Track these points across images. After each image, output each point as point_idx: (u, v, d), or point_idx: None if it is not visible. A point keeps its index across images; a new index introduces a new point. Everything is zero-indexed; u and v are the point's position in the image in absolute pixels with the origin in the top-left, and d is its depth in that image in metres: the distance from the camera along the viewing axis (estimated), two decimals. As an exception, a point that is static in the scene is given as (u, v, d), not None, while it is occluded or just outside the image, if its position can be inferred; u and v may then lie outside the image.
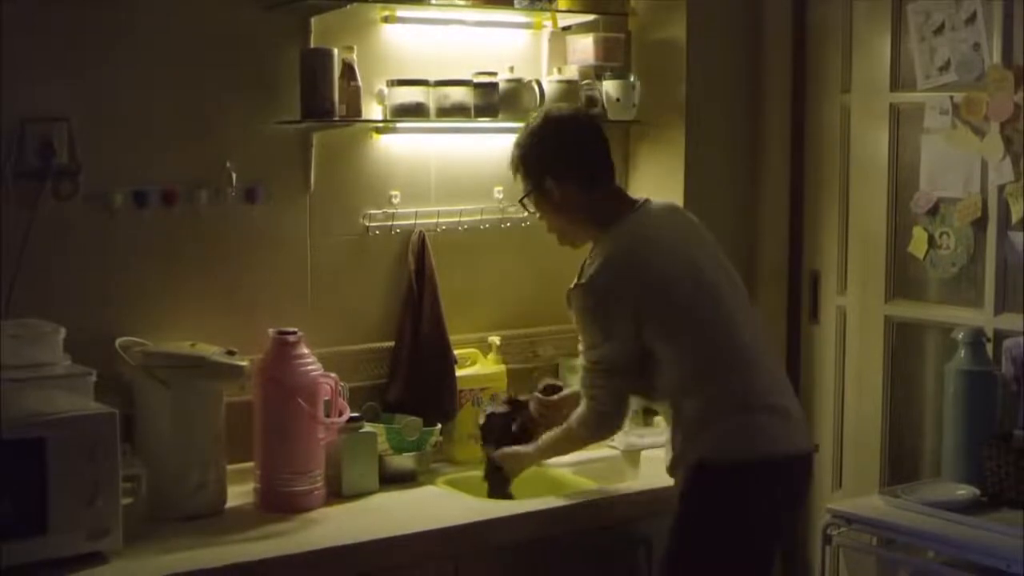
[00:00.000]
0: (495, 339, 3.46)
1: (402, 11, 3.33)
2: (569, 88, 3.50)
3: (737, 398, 2.75)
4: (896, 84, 3.52)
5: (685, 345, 2.76)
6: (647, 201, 2.92)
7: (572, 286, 2.81)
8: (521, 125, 3.45)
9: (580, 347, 2.84)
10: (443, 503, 2.99)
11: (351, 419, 3.01)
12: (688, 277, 2.80)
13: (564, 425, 2.93)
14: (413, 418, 3.21)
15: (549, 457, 3.08)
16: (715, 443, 2.70)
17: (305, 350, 2.96)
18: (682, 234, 2.91)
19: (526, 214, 3.04)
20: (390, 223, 3.39)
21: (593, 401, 2.83)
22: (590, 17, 3.58)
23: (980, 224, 3.33)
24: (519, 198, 2.97)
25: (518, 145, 2.93)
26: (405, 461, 3.14)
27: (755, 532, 2.76)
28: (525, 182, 2.92)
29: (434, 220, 3.45)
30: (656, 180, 3.69)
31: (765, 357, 2.86)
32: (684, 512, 2.73)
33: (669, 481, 2.82)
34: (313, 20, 3.19)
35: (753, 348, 2.83)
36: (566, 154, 2.87)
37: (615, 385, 2.80)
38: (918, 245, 3.48)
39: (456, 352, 3.39)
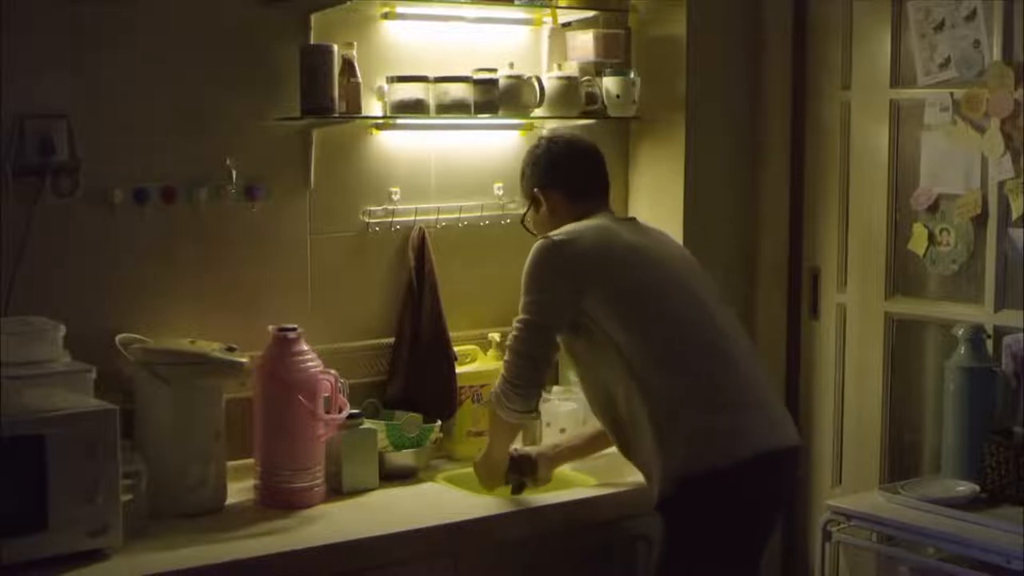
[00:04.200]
0: (495, 336, 3.45)
1: (402, 7, 3.33)
2: (569, 84, 3.49)
3: (712, 394, 2.75)
4: (896, 81, 3.52)
5: (645, 328, 2.77)
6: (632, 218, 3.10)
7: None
8: (521, 121, 3.49)
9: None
10: (443, 499, 3.00)
11: (351, 416, 3.01)
12: (649, 263, 2.89)
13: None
14: (413, 415, 3.21)
15: (496, 449, 3.02)
16: (696, 451, 2.68)
17: (305, 347, 2.96)
18: (656, 236, 3.03)
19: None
20: (390, 220, 3.39)
21: (506, 366, 2.85)
22: (590, 13, 3.57)
23: (980, 221, 3.33)
24: (520, 219, 3.12)
25: (521, 170, 3.11)
26: (405, 458, 3.15)
27: (745, 534, 2.76)
28: (524, 201, 3.10)
29: (434, 216, 3.45)
30: (656, 177, 3.69)
31: (740, 351, 2.86)
32: (674, 526, 2.71)
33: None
34: (313, 16, 3.19)
35: (726, 342, 2.84)
36: (553, 165, 3.04)
37: (532, 350, 2.82)
38: (918, 242, 3.48)
39: (456, 349, 3.39)
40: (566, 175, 3.03)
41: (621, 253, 2.88)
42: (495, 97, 3.36)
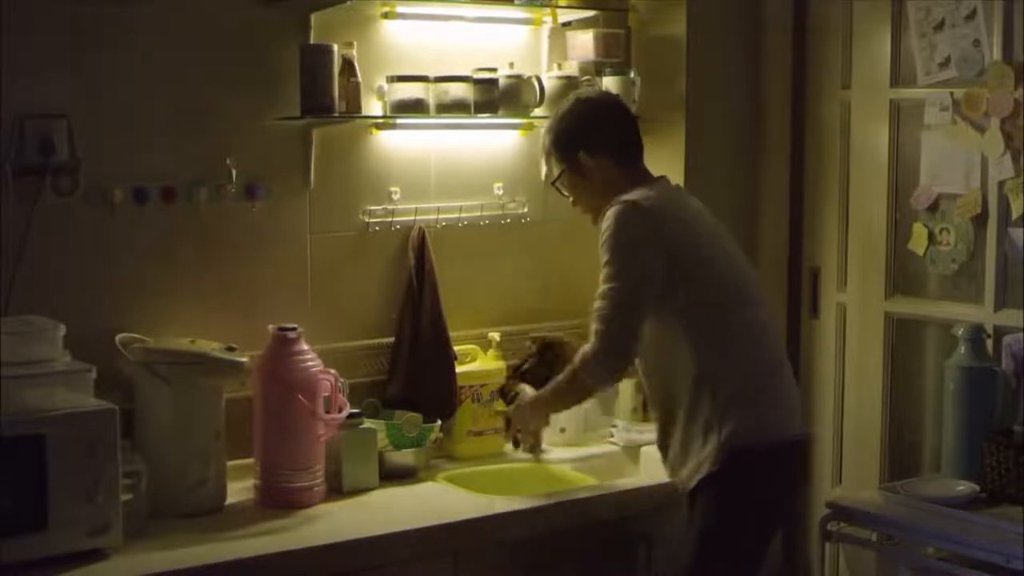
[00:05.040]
0: (495, 335, 3.45)
1: (402, 7, 3.33)
2: (569, 84, 3.49)
3: (765, 375, 2.78)
4: (896, 80, 3.52)
5: (714, 302, 2.76)
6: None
7: (612, 206, 2.77)
8: (521, 121, 3.49)
9: (601, 279, 2.76)
10: (443, 499, 3.00)
11: (351, 415, 3.01)
12: (714, 238, 2.86)
13: (568, 368, 2.87)
14: (413, 414, 3.21)
15: (555, 407, 3.03)
16: (756, 424, 2.71)
17: (305, 346, 2.96)
18: (707, 212, 2.97)
19: (526, 210, 3.08)
20: (390, 219, 3.39)
21: (600, 333, 2.73)
22: (590, 13, 3.57)
23: (980, 220, 3.33)
24: (552, 181, 3.01)
25: (549, 130, 2.99)
26: (405, 457, 3.15)
27: (776, 515, 2.83)
28: (558, 163, 2.96)
29: (434, 216, 3.45)
30: (656, 176, 3.68)
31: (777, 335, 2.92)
32: (722, 496, 2.71)
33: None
34: (313, 16, 3.19)
35: (768, 325, 2.88)
36: (597, 127, 2.93)
37: (627, 318, 2.72)
38: (918, 241, 3.48)
39: (456, 348, 3.39)
40: (611, 134, 2.93)
41: (695, 224, 2.84)
42: (495, 97, 3.36)
